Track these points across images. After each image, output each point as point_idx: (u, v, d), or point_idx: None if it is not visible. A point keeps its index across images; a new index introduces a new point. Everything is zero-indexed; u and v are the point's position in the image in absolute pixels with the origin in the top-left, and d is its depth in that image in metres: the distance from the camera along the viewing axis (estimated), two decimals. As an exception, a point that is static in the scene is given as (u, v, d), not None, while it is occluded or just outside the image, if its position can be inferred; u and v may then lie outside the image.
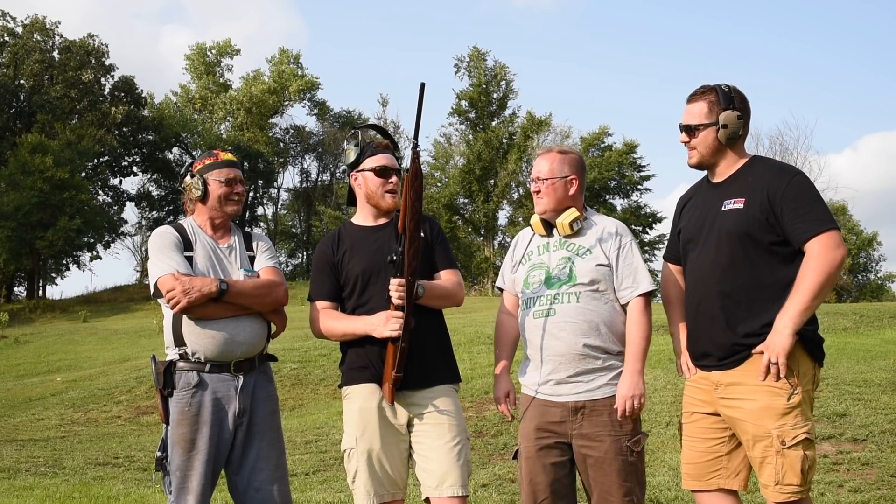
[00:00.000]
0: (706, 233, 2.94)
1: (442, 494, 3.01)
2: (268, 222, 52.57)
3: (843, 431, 6.16)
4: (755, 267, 2.83)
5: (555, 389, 3.09)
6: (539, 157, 3.31)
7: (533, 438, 3.09)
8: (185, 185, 3.26)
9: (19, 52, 40.29)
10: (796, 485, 2.72)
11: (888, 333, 11.79)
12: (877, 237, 45.66)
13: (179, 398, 3.05)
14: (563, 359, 3.07)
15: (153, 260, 3.12)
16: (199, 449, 3.03)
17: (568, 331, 3.07)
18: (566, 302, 3.10)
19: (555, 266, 3.17)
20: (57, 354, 19.82)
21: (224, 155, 3.29)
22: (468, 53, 41.92)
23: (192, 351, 3.07)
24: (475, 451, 6.76)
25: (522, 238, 3.37)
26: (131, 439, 9.23)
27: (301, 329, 17.65)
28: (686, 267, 3.06)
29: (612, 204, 42.37)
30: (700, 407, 2.97)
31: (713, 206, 2.95)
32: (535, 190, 3.24)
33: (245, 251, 3.30)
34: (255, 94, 47.22)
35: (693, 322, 3.00)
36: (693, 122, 2.94)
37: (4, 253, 35.21)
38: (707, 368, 2.94)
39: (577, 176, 3.22)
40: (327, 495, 5.65)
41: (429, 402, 3.08)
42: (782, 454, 2.72)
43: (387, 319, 2.99)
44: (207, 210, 3.25)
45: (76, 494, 5.99)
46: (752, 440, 2.79)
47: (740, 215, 2.84)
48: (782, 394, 2.74)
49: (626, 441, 3.02)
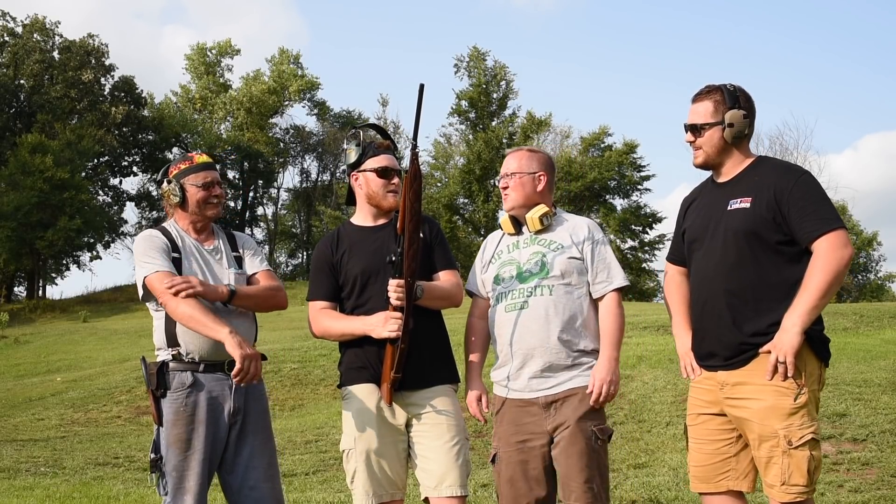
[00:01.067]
0: (712, 232, 2.93)
1: (441, 494, 3.00)
2: (268, 222, 52.57)
3: (843, 431, 6.16)
4: (762, 266, 2.82)
5: (527, 384, 3.07)
6: (508, 155, 3.32)
7: (512, 443, 3.07)
8: (162, 191, 3.23)
9: (19, 52, 40.30)
10: (802, 485, 2.71)
11: (888, 333, 11.79)
12: (877, 237, 45.68)
13: (174, 399, 3.04)
14: (535, 352, 3.05)
15: (140, 261, 3.10)
16: (196, 448, 3.03)
17: (541, 323, 3.06)
18: (539, 295, 3.09)
19: (526, 261, 3.16)
20: (57, 354, 19.83)
21: (199, 157, 3.25)
22: (468, 53, 41.99)
23: (185, 351, 3.06)
24: (475, 451, 6.76)
25: (491, 240, 3.36)
26: (131, 439, 9.24)
27: (301, 329, 17.69)
28: (691, 267, 3.04)
29: (612, 204, 42.33)
30: (706, 408, 2.94)
31: (719, 205, 2.94)
32: (504, 186, 3.23)
33: (231, 252, 3.31)
34: (255, 94, 47.22)
35: (699, 322, 2.98)
36: (699, 122, 2.93)
37: (4, 253, 35.21)
38: (713, 368, 2.91)
39: (546, 173, 3.23)
40: (327, 495, 5.65)
41: (427, 402, 3.07)
42: (789, 454, 2.71)
43: (385, 320, 2.98)
44: (188, 215, 3.23)
45: (76, 494, 5.99)
46: (757, 440, 2.78)
47: (747, 214, 2.83)
48: (789, 394, 2.73)
49: (593, 426, 3.01)
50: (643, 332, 12.60)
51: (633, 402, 7.95)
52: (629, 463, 6.01)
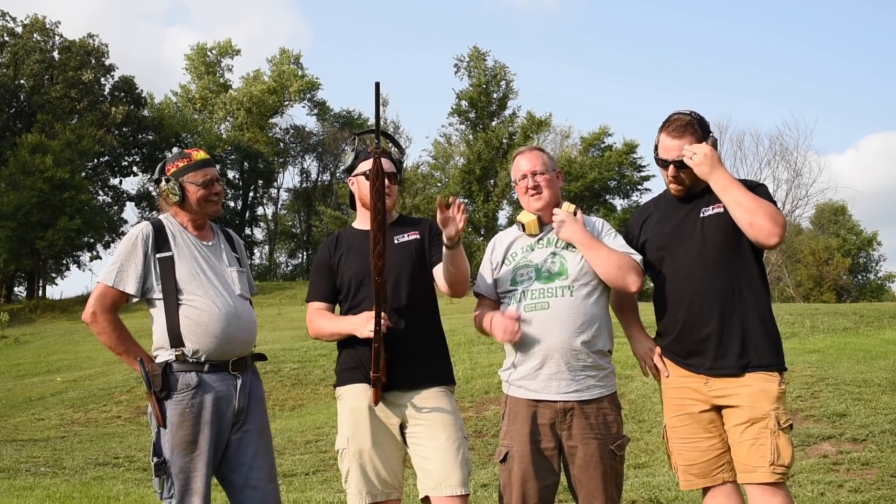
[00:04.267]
0: (687, 237, 3.05)
1: (443, 494, 3.00)
2: (268, 222, 52.60)
3: (843, 431, 6.16)
4: (741, 264, 2.99)
5: (545, 385, 3.05)
6: (524, 153, 3.27)
7: (526, 442, 3.05)
8: (160, 190, 3.20)
9: (19, 52, 40.30)
10: (787, 465, 2.85)
11: (888, 333, 11.78)
12: (877, 237, 45.74)
13: (178, 400, 3.01)
14: (554, 353, 3.04)
15: (113, 261, 3.10)
16: (202, 449, 3.01)
17: (563, 325, 3.04)
18: (560, 296, 3.07)
19: (543, 261, 3.15)
20: (57, 354, 19.82)
21: (197, 154, 3.22)
22: (468, 53, 41.97)
23: (192, 350, 3.04)
24: (475, 451, 6.75)
25: (500, 241, 3.31)
26: (131, 439, 9.24)
27: (301, 329, 17.69)
28: (661, 274, 3.11)
29: (612, 204, 42.33)
30: (693, 406, 3.02)
31: (689, 214, 3.08)
32: (533, 185, 3.18)
33: (231, 251, 3.31)
34: (256, 94, 47.25)
35: (680, 323, 3.04)
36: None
37: (4, 253, 35.20)
38: (697, 371, 3.01)
39: (560, 172, 3.33)
40: (327, 495, 5.65)
41: (422, 402, 3.08)
42: (778, 434, 2.84)
43: (367, 319, 2.99)
44: (187, 213, 3.21)
45: (76, 494, 5.99)
46: (748, 423, 2.87)
47: (724, 218, 2.98)
48: (773, 380, 2.90)
49: (612, 444, 3.05)
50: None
51: (633, 402, 7.95)
52: (629, 463, 6.02)
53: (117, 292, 3.06)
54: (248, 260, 3.50)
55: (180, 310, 3.06)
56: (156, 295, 3.08)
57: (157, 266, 3.08)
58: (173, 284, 3.07)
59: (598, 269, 3.07)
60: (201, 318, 3.06)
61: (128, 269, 3.07)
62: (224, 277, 3.18)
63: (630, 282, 3.06)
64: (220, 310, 3.08)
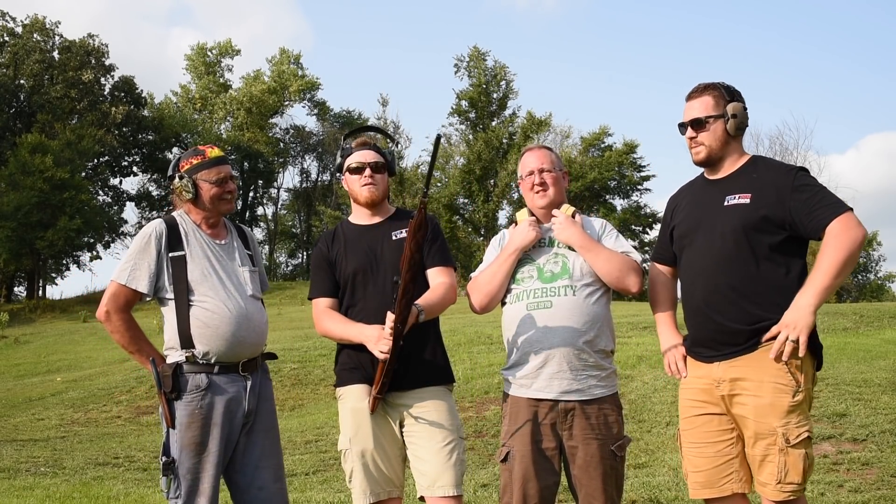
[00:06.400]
0: (708, 227, 2.92)
1: (435, 494, 3.02)
2: (268, 222, 52.57)
3: (843, 431, 6.15)
4: (759, 260, 2.81)
5: (547, 384, 3.05)
6: (532, 150, 3.28)
7: (529, 442, 3.05)
8: (174, 186, 3.17)
9: (19, 52, 40.26)
10: (797, 483, 2.71)
11: (888, 333, 11.78)
12: (877, 237, 45.63)
13: (188, 401, 3.00)
14: (557, 352, 3.04)
15: (126, 259, 3.09)
16: (211, 451, 3.00)
17: (566, 324, 3.04)
18: (563, 295, 3.07)
19: (545, 261, 3.15)
20: (57, 354, 19.81)
21: (211, 152, 3.20)
22: (468, 53, 41.95)
23: (202, 352, 3.02)
24: (475, 451, 6.75)
25: (504, 239, 3.32)
26: (131, 439, 9.23)
27: (301, 329, 17.69)
28: (682, 262, 3.03)
29: (612, 204, 42.31)
30: (703, 408, 2.91)
31: (713, 201, 2.93)
32: (539, 182, 3.19)
33: (244, 249, 3.29)
34: (255, 94, 47.21)
35: (695, 313, 2.94)
36: (702, 115, 2.93)
37: (4, 253, 35.17)
38: (710, 360, 2.88)
39: (566, 172, 3.33)
40: (327, 495, 5.65)
41: (420, 402, 3.08)
42: (786, 452, 2.70)
43: (378, 339, 2.96)
44: (200, 211, 3.19)
45: (76, 494, 5.99)
46: (753, 437, 2.76)
47: (747, 209, 2.82)
48: (788, 391, 2.71)
49: (613, 445, 3.04)
50: (643, 332, 12.58)
51: (633, 402, 7.95)
52: (629, 463, 6.00)
53: (130, 291, 3.06)
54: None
55: (191, 311, 3.04)
56: (167, 295, 3.07)
57: (170, 265, 3.07)
58: (185, 285, 3.05)
59: (597, 271, 3.08)
60: (212, 320, 3.04)
61: (141, 267, 3.06)
62: (236, 277, 3.16)
63: (630, 282, 3.06)
64: (231, 312, 3.07)
